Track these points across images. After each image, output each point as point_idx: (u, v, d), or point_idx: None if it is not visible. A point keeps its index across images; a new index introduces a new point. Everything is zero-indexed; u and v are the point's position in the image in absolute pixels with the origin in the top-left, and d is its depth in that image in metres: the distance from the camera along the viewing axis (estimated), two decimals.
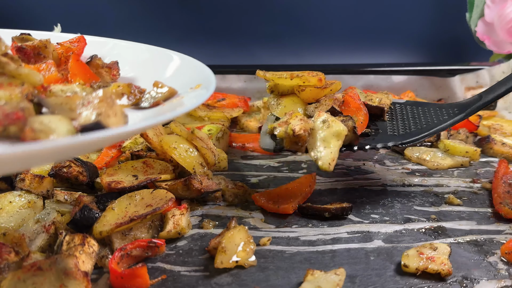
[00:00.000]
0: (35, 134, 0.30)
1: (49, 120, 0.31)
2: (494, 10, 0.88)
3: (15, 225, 0.45)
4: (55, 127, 0.31)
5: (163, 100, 0.41)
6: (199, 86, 0.41)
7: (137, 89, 0.42)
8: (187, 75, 0.45)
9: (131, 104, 0.41)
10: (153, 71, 0.48)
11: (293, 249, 0.44)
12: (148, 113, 0.40)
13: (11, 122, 0.30)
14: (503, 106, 0.81)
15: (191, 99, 0.38)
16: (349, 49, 1.12)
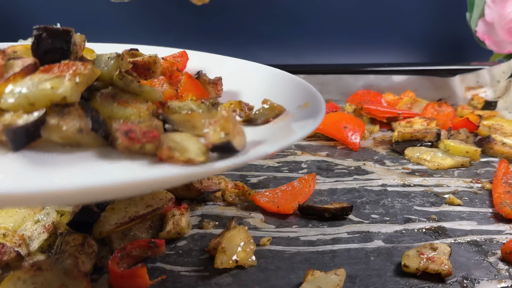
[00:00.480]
0: (170, 152, 0.31)
1: (180, 138, 0.32)
2: (494, 10, 0.88)
3: (15, 225, 0.45)
4: (187, 145, 0.32)
5: (273, 118, 0.41)
6: (307, 104, 0.41)
7: (247, 106, 0.43)
8: (289, 90, 0.45)
9: (242, 120, 0.42)
10: (251, 86, 0.49)
11: (293, 249, 0.44)
12: (261, 131, 0.40)
13: (148, 140, 0.31)
14: (503, 106, 0.81)
15: (301, 126, 0.37)
16: (349, 49, 1.12)
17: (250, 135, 0.37)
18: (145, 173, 0.29)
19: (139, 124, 0.32)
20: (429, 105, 0.79)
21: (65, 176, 0.28)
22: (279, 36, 1.11)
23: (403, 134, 0.68)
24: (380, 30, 1.12)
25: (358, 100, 0.81)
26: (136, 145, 0.31)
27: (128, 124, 0.31)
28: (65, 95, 0.30)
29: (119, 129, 0.31)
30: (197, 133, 0.36)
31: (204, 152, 0.31)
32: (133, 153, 0.32)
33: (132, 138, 0.31)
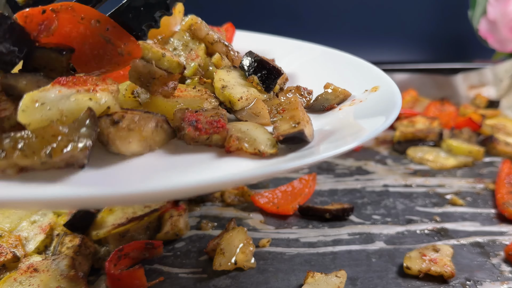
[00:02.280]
0: (239, 143, 0.29)
1: (247, 128, 0.31)
2: (497, 7, 0.87)
3: (11, 226, 0.44)
4: (255, 135, 0.30)
5: (337, 104, 0.37)
6: (376, 88, 0.37)
7: (306, 91, 0.39)
8: (352, 73, 0.41)
9: (304, 107, 0.38)
10: (307, 68, 0.44)
11: (293, 251, 0.43)
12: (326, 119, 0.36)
13: (216, 131, 0.29)
14: (506, 105, 0.80)
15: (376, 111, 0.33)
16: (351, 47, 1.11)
17: (316, 123, 0.34)
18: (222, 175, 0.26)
19: (204, 113, 0.29)
20: (431, 104, 0.78)
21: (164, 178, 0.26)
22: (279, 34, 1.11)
23: (405, 134, 0.67)
24: (382, 28, 1.11)
25: None
26: (203, 136, 0.29)
27: (194, 114, 0.29)
28: (109, 105, 0.27)
29: (185, 119, 0.29)
30: (260, 121, 0.33)
31: (273, 144, 0.29)
32: (199, 144, 0.29)
33: (199, 128, 0.29)
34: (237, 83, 0.35)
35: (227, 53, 0.39)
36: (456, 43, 1.15)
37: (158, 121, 0.28)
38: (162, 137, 0.29)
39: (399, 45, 1.14)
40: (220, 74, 0.35)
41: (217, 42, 0.38)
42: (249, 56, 0.37)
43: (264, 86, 0.36)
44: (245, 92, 0.34)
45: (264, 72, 0.36)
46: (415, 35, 1.14)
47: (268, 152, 0.29)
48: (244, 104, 0.34)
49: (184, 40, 0.39)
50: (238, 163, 0.28)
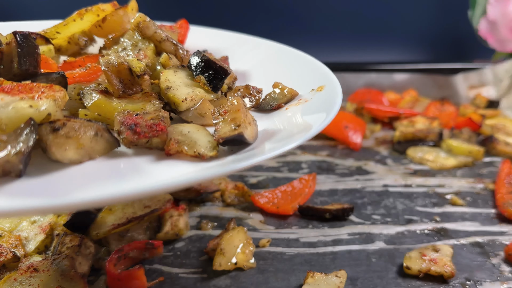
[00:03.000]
0: (179, 146, 0.29)
1: (188, 130, 0.30)
2: (497, 8, 0.87)
3: (11, 226, 0.44)
4: (195, 138, 0.30)
5: (285, 103, 0.38)
6: (321, 88, 0.37)
7: (255, 90, 0.39)
8: (303, 72, 0.41)
9: (251, 107, 0.38)
10: (261, 66, 0.44)
11: (293, 251, 0.43)
12: (273, 118, 0.36)
13: (155, 134, 0.29)
14: (506, 106, 0.80)
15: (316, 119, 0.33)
16: (351, 47, 1.11)
17: (261, 123, 0.34)
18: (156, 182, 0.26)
19: (144, 116, 0.29)
20: (431, 104, 0.78)
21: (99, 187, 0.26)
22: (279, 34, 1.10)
23: (405, 134, 0.67)
24: (382, 28, 1.11)
25: (359, 99, 0.80)
26: (142, 140, 0.29)
27: (133, 117, 0.29)
28: (49, 112, 0.27)
29: (124, 123, 0.29)
30: (205, 122, 0.33)
31: (214, 146, 0.30)
32: (139, 148, 0.29)
33: (137, 132, 0.29)
34: (183, 83, 0.35)
35: (175, 52, 0.38)
36: (456, 43, 1.15)
37: (98, 129, 0.28)
38: (103, 146, 0.29)
39: (399, 45, 1.14)
40: (166, 74, 0.35)
41: (165, 41, 0.37)
42: (197, 55, 0.36)
43: (211, 86, 0.35)
44: (190, 93, 0.34)
45: (211, 72, 0.35)
46: (415, 35, 1.14)
47: (208, 155, 0.29)
48: (189, 105, 0.34)
49: (134, 39, 0.38)
50: (177, 166, 0.28)
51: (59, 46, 0.41)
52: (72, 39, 0.40)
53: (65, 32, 0.40)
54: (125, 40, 0.38)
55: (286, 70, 0.42)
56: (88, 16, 0.41)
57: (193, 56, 0.36)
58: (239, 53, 0.46)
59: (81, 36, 0.41)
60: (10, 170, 0.24)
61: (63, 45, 0.41)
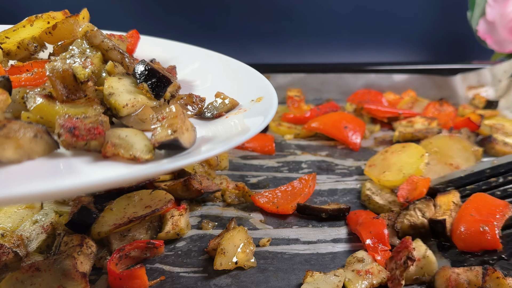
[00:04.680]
0: (115, 149, 0.30)
1: (125, 134, 0.32)
2: (495, 8, 0.87)
3: (13, 225, 0.45)
4: (132, 142, 0.31)
5: (225, 112, 0.40)
6: (260, 99, 0.40)
7: (198, 99, 0.42)
8: (245, 84, 0.44)
9: (194, 114, 0.41)
10: (206, 76, 0.47)
11: (293, 250, 0.44)
12: (212, 126, 0.39)
13: (93, 137, 0.30)
14: (504, 106, 0.81)
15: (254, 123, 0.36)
16: (350, 48, 1.12)
17: (202, 130, 0.36)
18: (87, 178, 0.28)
19: (83, 120, 0.31)
20: (430, 104, 0.78)
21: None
22: (279, 35, 1.11)
23: (404, 134, 0.67)
24: (381, 29, 1.11)
25: (358, 99, 0.80)
26: (80, 142, 0.30)
27: (73, 120, 0.30)
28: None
29: (64, 126, 0.30)
30: (146, 128, 0.35)
31: (150, 150, 0.31)
32: (77, 150, 0.31)
33: (76, 135, 0.30)
34: (126, 90, 0.36)
35: (122, 61, 0.40)
36: (455, 44, 1.15)
37: (37, 131, 0.29)
38: (42, 147, 0.30)
39: (398, 46, 1.15)
40: (110, 81, 0.36)
41: (112, 50, 0.39)
42: (141, 64, 0.38)
43: (154, 93, 0.37)
44: (131, 99, 0.35)
45: (154, 80, 0.37)
46: (414, 36, 1.14)
47: (143, 158, 0.30)
48: (130, 110, 0.35)
49: (82, 47, 0.39)
50: (112, 167, 0.30)
51: (9, 50, 0.42)
52: (21, 45, 0.42)
53: (15, 37, 0.42)
54: (73, 48, 0.40)
55: (230, 81, 0.45)
56: (38, 23, 0.42)
57: (138, 64, 0.38)
58: (187, 63, 0.49)
59: (30, 42, 0.42)
60: None
61: (12, 50, 0.42)
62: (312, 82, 0.88)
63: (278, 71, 0.87)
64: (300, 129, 0.71)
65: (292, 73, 0.87)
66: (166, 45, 0.53)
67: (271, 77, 0.86)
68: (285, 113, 0.75)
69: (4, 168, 0.28)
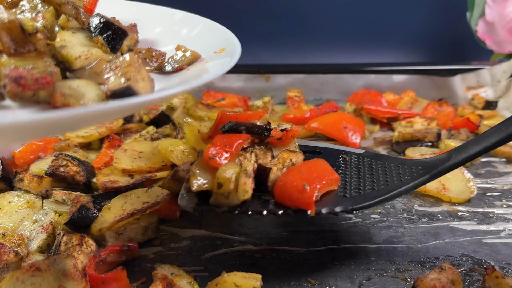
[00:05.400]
0: (65, 99, 0.29)
1: (77, 84, 0.31)
2: (495, 9, 0.88)
3: (14, 225, 0.45)
4: (84, 92, 0.30)
5: (187, 65, 0.39)
6: (223, 50, 0.39)
7: (157, 53, 0.40)
8: (209, 38, 0.43)
9: (154, 69, 0.40)
10: (171, 33, 0.46)
11: (294, 250, 0.44)
12: (173, 78, 0.38)
13: (41, 87, 0.29)
14: (504, 106, 0.81)
15: (215, 66, 0.36)
16: (350, 48, 1.12)
17: (161, 83, 0.35)
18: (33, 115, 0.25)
19: (31, 70, 0.29)
20: (430, 105, 0.79)
21: None
22: (279, 36, 1.11)
23: (404, 134, 0.67)
24: (381, 30, 1.11)
25: (358, 100, 0.80)
26: (28, 93, 0.29)
27: (19, 70, 0.29)
28: None
29: (8, 76, 0.29)
30: (101, 81, 0.34)
31: (102, 99, 0.30)
32: (25, 101, 0.29)
33: (22, 84, 0.29)
34: (80, 43, 0.35)
35: (76, 16, 0.38)
36: (454, 45, 1.15)
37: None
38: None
39: (398, 46, 1.15)
40: (63, 35, 0.35)
41: (65, 4, 0.38)
42: (96, 16, 0.37)
43: (110, 46, 0.36)
44: (84, 52, 0.34)
45: (109, 33, 0.36)
46: (414, 37, 1.14)
47: None
48: (83, 63, 0.34)
49: (33, 3, 0.38)
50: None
51: None
52: None
53: None
54: (24, 4, 0.38)
55: (193, 37, 0.44)
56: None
57: (93, 17, 0.37)
58: (149, 22, 0.48)
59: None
60: None
61: None
62: (312, 83, 0.88)
63: (278, 71, 0.87)
64: (300, 130, 0.71)
65: (292, 74, 0.87)
66: (129, 5, 0.51)
67: (271, 77, 0.87)
68: (285, 113, 0.76)
69: None
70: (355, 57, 1.09)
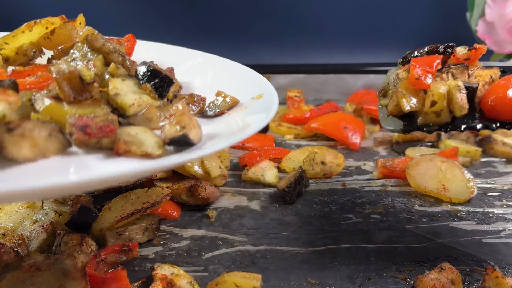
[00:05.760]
0: (127, 146, 0.31)
1: (135, 132, 0.32)
2: (495, 9, 0.88)
3: (14, 225, 0.45)
4: (143, 138, 0.32)
5: (227, 110, 0.41)
6: (260, 96, 0.41)
7: (199, 98, 0.43)
8: (242, 82, 0.45)
9: (196, 113, 0.42)
10: (204, 77, 0.48)
11: (294, 249, 0.44)
12: (217, 122, 0.40)
13: (105, 135, 0.31)
14: None
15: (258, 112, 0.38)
16: (350, 48, 1.12)
17: (206, 127, 0.37)
18: (104, 169, 0.29)
19: (94, 118, 0.32)
20: None
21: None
22: (278, 36, 1.11)
23: (404, 135, 0.67)
24: (380, 30, 1.11)
25: (358, 100, 0.80)
26: (93, 140, 0.31)
27: (84, 119, 0.31)
28: (4, 113, 0.29)
29: (75, 124, 0.31)
30: (152, 126, 0.36)
31: (161, 146, 0.32)
32: (90, 148, 0.31)
33: (88, 133, 0.31)
34: (131, 90, 0.37)
35: (123, 63, 0.41)
36: None
37: (52, 130, 0.30)
38: (56, 145, 0.30)
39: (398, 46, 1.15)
40: (114, 82, 0.37)
41: (113, 52, 0.40)
42: (143, 65, 0.39)
43: (158, 93, 0.38)
44: (137, 99, 0.36)
45: (157, 80, 0.38)
46: (414, 37, 1.14)
47: (155, 153, 0.31)
48: (136, 110, 0.36)
49: (83, 51, 0.40)
50: (125, 163, 0.30)
51: (7, 56, 0.42)
52: (20, 50, 0.42)
53: (14, 43, 0.42)
54: (74, 51, 0.40)
55: (228, 81, 0.46)
56: (37, 28, 0.43)
57: (140, 65, 0.39)
58: (184, 65, 0.50)
59: (29, 48, 0.42)
60: None
61: (11, 56, 0.42)
62: (312, 83, 0.88)
63: (278, 71, 0.87)
64: (300, 130, 0.71)
65: (292, 74, 0.87)
66: (161, 48, 0.54)
67: (271, 77, 0.87)
68: (285, 113, 0.76)
69: (21, 166, 0.29)
70: (355, 57, 1.09)
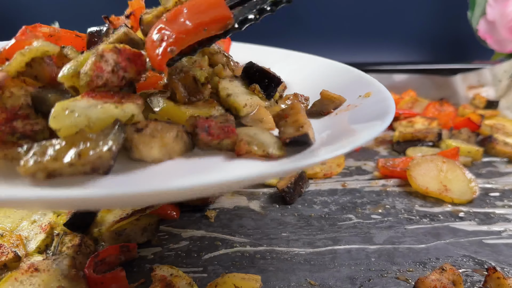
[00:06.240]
0: (249, 146, 0.30)
1: (254, 132, 0.32)
2: (496, 8, 0.87)
3: (12, 225, 0.45)
4: (263, 139, 0.32)
5: (333, 109, 0.41)
6: (369, 94, 0.40)
7: (303, 97, 0.42)
8: (345, 81, 0.44)
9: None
10: (301, 77, 0.48)
11: (294, 250, 0.44)
12: (325, 123, 0.39)
13: (226, 136, 0.31)
14: (505, 106, 0.81)
15: (375, 114, 0.35)
16: (350, 48, 1.12)
17: (314, 127, 0.36)
18: (233, 174, 0.28)
19: (215, 119, 0.31)
20: (430, 104, 0.78)
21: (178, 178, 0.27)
22: (279, 35, 1.11)
23: (404, 134, 0.67)
24: (381, 29, 1.11)
25: None
26: (215, 141, 0.31)
27: (206, 120, 0.31)
28: (133, 113, 0.29)
29: (198, 126, 0.30)
30: (264, 126, 0.35)
31: (280, 146, 0.31)
32: (211, 149, 0.31)
33: (211, 133, 0.30)
34: (241, 91, 0.37)
35: (227, 63, 0.41)
36: (455, 44, 1.15)
37: (178, 130, 0.30)
38: (181, 146, 0.30)
39: (399, 46, 1.15)
40: (224, 83, 0.37)
41: (218, 53, 0.40)
42: (250, 65, 0.39)
43: (266, 94, 0.38)
44: (249, 100, 0.36)
45: (265, 80, 0.38)
46: (415, 36, 1.14)
47: (276, 154, 0.30)
48: (248, 110, 0.36)
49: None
50: (249, 164, 0.30)
51: None
52: None
53: None
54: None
55: (327, 80, 0.45)
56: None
57: (247, 66, 0.39)
58: (279, 65, 0.50)
59: None
60: (99, 166, 0.26)
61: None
62: None
63: None
64: None
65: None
66: (254, 49, 0.54)
67: None
68: None
69: (148, 168, 0.28)
70: (356, 57, 1.09)
